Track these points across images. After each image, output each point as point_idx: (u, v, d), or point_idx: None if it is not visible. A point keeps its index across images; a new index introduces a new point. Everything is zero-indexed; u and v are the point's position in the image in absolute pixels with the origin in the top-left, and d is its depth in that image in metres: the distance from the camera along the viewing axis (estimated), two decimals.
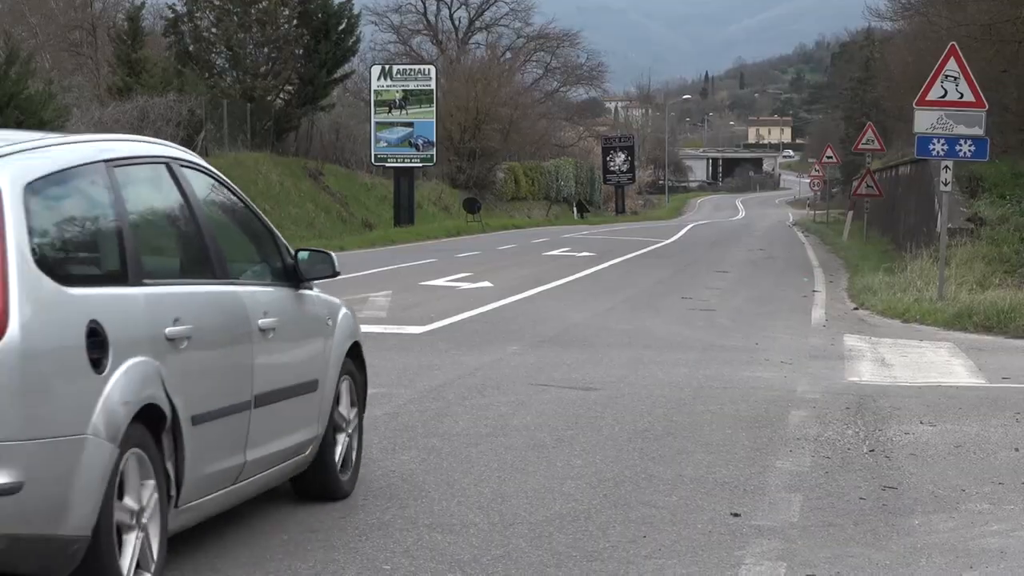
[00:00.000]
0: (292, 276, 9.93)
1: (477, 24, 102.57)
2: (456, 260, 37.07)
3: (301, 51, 62.36)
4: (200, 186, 9.26)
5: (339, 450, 10.21)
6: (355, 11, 66.87)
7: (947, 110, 25.01)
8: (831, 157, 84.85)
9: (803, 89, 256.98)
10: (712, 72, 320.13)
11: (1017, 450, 11.81)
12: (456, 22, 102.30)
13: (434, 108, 63.77)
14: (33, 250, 6.87)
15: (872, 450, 11.81)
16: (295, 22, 62.31)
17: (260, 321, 9.05)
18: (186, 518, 7.88)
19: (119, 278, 7.74)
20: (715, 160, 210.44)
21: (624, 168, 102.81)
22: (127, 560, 7.18)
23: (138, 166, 8.75)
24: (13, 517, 6.53)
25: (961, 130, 25.05)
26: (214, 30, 61.22)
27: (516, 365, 16.81)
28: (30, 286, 6.81)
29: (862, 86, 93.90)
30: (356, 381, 10.80)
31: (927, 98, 25.21)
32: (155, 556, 7.35)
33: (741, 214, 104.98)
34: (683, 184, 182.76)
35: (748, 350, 19.17)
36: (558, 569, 7.95)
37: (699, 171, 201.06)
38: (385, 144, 62.50)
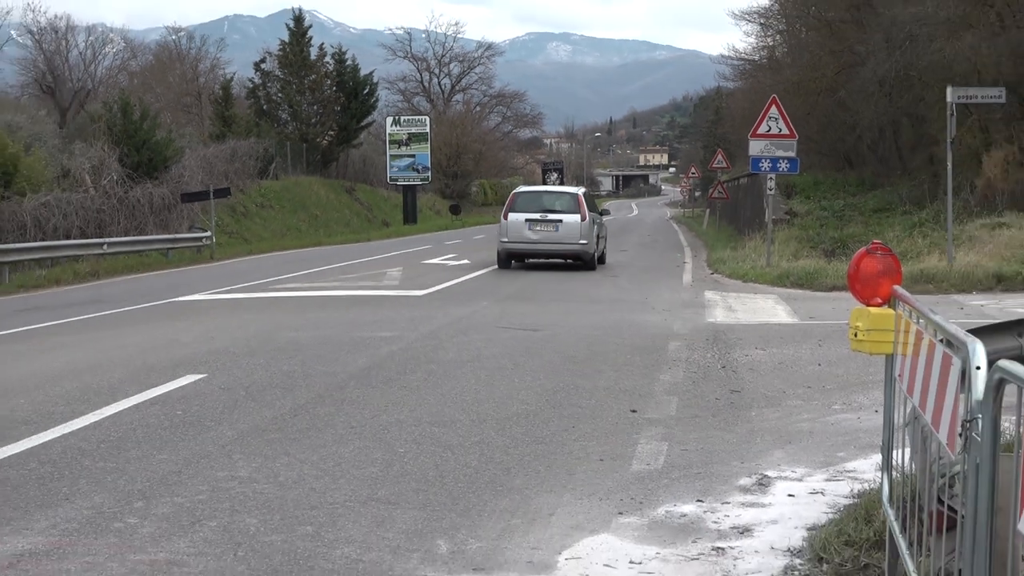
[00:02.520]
0: (600, 214, 28.17)
1: (456, 88, 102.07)
2: (445, 246, 37.00)
3: (339, 108, 62.27)
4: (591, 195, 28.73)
5: (605, 253, 28.37)
6: (375, 80, 67.06)
7: (771, 140, 25.04)
8: (694, 173, 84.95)
9: (675, 128, 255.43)
10: (614, 117, 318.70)
11: (819, 365, 11.84)
12: (442, 87, 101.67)
13: (428, 144, 63.74)
14: (588, 206, 26.05)
15: (724, 366, 11.85)
16: (334, 88, 62.32)
17: (601, 220, 28.06)
18: (600, 249, 27.43)
19: (596, 212, 27.44)
20: (617, 176, 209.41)
21: (556, 183, 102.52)
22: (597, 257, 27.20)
23: (590, 192, 30.99)
24: (587, 250, 25.93)
25: (780, 153, 25.09)
26: (280, 95, 61.17)
27: (486, 315, 16.78)
28: (587, 213, 25.71)
29: (714, 125, 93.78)
30: (607, 238, 28.93)
31: (757, 132, 25.23)
32: (599, 255, 27.41)
33: (635, 212, 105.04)
34: (596, 193, 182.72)
35: (641, 303, 19.16)
36: (515, 449, 7.98)
37: (607, 184, 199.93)
38: (396, 169, 62.43)
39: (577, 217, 26.00)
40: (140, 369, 11.44)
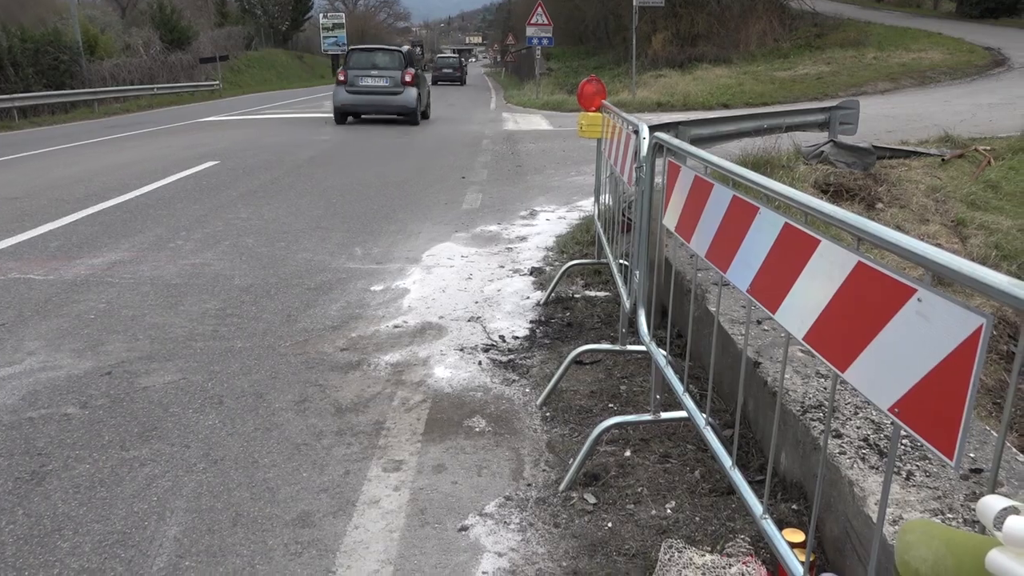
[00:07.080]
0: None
1: None
2: None
3: (291, 7, 57.39)
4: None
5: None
6: None
7: (538, 27, 24.03)
8: (497, 47, 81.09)
9: (486, 22, 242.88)
10: (451, 16, 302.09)
11: (564, 151, 11.67)
12: None
13: (345, 30, 59.27)
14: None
15: (512, 153, 11.63)
16: None
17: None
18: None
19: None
20: (454, 49, 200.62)
21: (420, 55, 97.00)
22: None
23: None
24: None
25: (543, 34, 24.15)
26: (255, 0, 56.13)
27: (380, 128, 15.96)
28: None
29: (507, 20, 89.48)
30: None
31: (531, 22, 24.15)
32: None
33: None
34: (444, 56, 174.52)
35: (469, 119, 18.55)
36: (400, 199, 7.72)
37: (448, 53, 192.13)
38: (327, 44, 57.75)
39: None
40: (180, 159, 10.63)
